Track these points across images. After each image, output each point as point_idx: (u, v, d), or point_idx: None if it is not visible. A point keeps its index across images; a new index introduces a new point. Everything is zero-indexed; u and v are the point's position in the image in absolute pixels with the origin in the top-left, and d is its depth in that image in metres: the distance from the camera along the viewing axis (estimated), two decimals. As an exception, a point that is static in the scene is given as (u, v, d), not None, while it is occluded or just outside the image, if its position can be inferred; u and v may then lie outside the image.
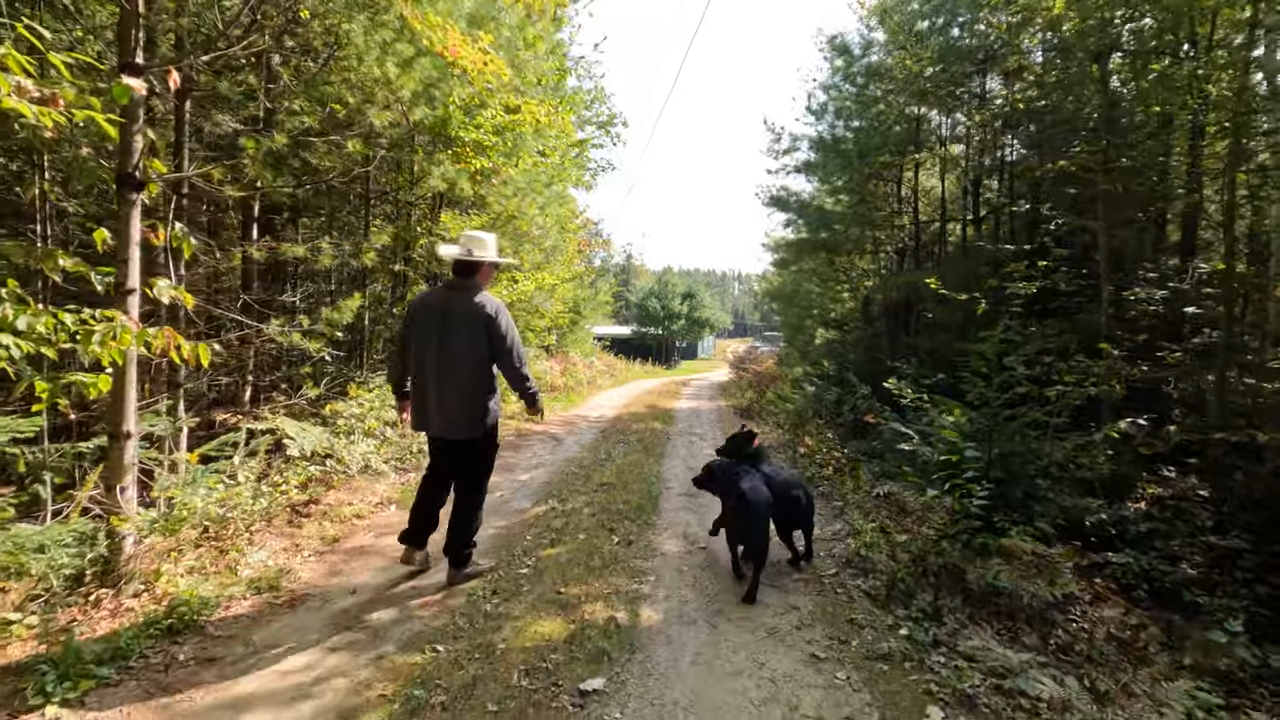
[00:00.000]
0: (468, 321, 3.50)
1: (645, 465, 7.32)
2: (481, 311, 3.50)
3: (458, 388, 3.54)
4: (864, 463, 6.20)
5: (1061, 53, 7.70)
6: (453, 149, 7.48)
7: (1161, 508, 5.93)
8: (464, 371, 3.53)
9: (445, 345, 3.51)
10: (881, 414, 6.30)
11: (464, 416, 3.57)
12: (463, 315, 3.51)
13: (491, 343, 3.53)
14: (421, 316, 3.58)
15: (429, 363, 3.54)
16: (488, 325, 3.51)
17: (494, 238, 3.83)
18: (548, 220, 10.59)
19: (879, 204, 11.13)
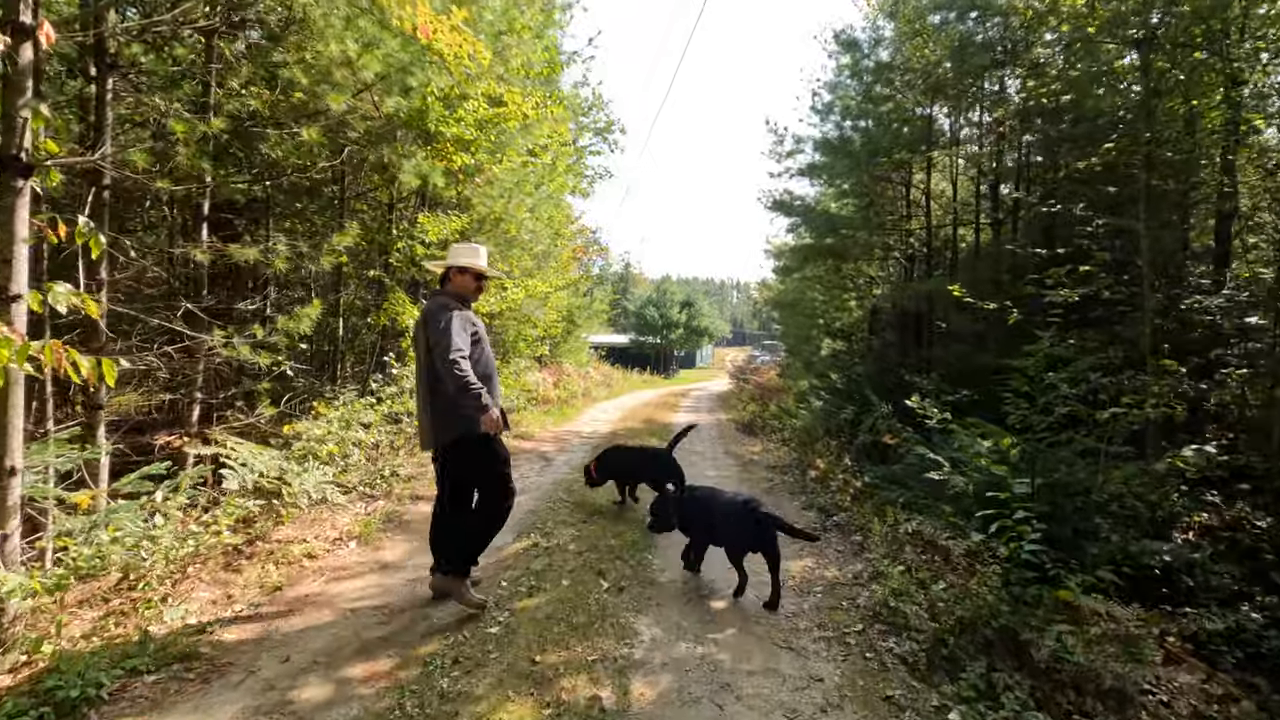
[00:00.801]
0: (422, 327, 3.50)
1: (639, 489, 6.67)
2: (423, 313, 3.52)
3: (427, 395, 3.51)
4: (882, 489, 5.57)
5: (1086, 45, 7.15)
6: (433, 145, 6.89)
7: (1213, 539, 5.32)
8: (427, 378, 3.49)
9: (418, 354, 3.59)
10: (902, 434, 5.69)
11: (435, 423, 3.51)
12: (420, 321, 3.56)
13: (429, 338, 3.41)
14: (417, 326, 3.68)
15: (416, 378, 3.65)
16: (424, 320, 3.47)
17: (478, 248, 3.76)
18: (538, 224, 10.00)
19: (889, 207, 10.55)
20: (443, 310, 3.40)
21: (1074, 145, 7.14)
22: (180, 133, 3.67)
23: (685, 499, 4.23)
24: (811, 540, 4.13)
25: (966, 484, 4.42)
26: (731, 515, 3.92)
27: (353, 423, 6.49)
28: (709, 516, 4.07)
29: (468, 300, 3.70)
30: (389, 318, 7.24)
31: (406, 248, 7.25)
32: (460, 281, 3.66)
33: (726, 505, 4.01)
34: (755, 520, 3.81)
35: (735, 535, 3.91)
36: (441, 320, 3.36)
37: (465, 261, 3.66)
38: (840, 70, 11.28)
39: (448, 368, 3.28)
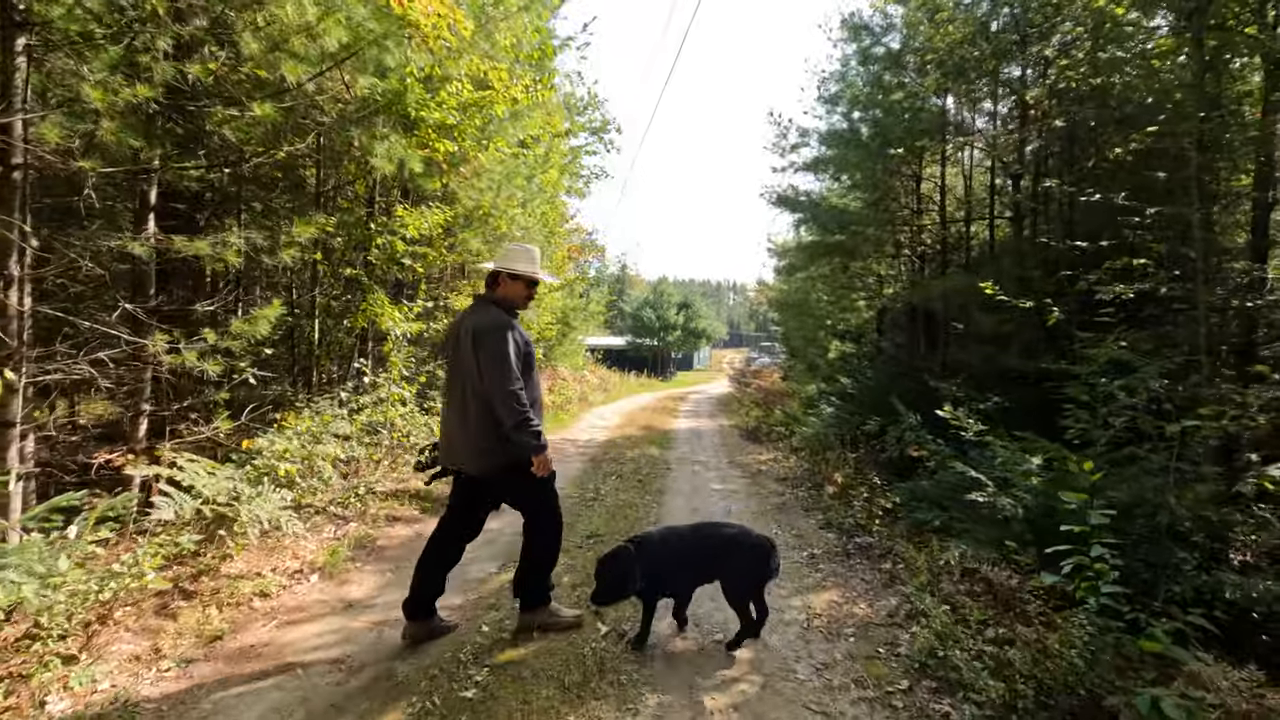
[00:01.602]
0: (467, 339, 3.09)
1: (641, 507, 6.11)
2: (474, 327, 3.08)
3: (459, 414, 3.16)
4: (914, 510, 5.01)
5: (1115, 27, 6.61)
6: (414, 133, 6.31)
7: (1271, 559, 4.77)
8: (466, 395, 3.12)
9: (452, 366, 3.23)
10: (930, 447, 5.12)
11: (467, 448, 3.16)
12: (466, 331, 3.11)
13: (477, 366, 3.05)
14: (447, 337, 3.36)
15: (445, 386, 3.35)
16: (474, 340, 3.05)
17: (533, 252, 3.37)
18: (530, 220, 9.43)
19: (904, 201, 10.01)
20: (499, 330, 3.04)
21: (1110, 130, 6.60)
22: (99, 102, 3.11)
23: (654, 545, 3.28)
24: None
25: (1015, 507, 3.86)
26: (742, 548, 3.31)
27: (325, 435, 5.91)
28: (702, 560, 3.33)
29: (516, 310, 3.30)
30: (367, 320, 6.66)
31: (387, 244, 6.68)
32: (512, 289, 3.27)
33: (730, 541, 3.34)
34: (768, 547, 3.31)
35: (751, 569, 3.30)
36: (499, 343, 3.01)
37: (522, 268, 3.24)
38: (847, 60, 10.75)
39: (506, 401, 2.98)
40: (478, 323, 3.08)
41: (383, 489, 6.24)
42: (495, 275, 3.27)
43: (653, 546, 3.27)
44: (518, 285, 3.27)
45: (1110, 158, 6.77)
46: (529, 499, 3.38)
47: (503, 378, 2.97)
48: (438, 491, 6.48)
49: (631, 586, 3.16)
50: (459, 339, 3.16)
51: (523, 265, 3.25)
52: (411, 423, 7.71)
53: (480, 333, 3.03)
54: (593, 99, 24.33)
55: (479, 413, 3.08)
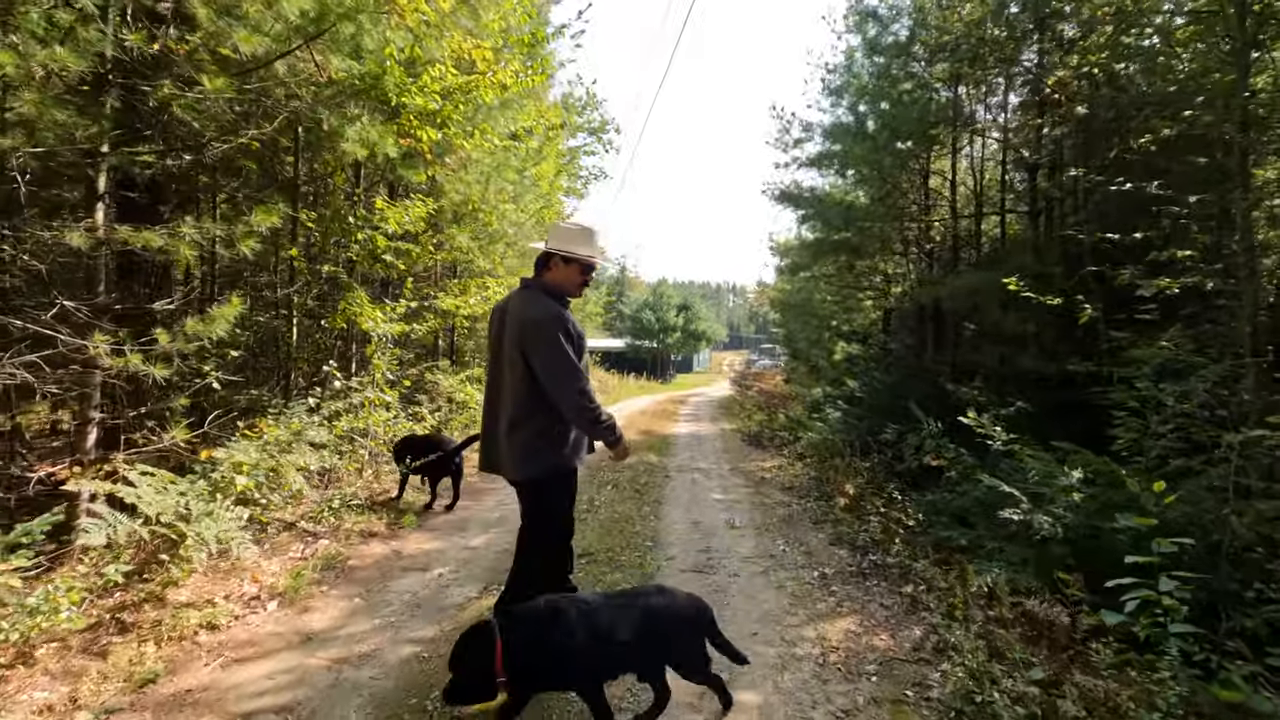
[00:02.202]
0: (516, 328, 2.77)
1: (638, 520, 5.69)
2: (525, 315, 2.75)
3: (502, 412, 2.86)
4: (935, 527, 4.60)
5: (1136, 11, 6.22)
6: (396, 121, 5.91)
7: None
8: (506, 391, 2.84)
9: (497, 360, 2.91)
10: (950, 455, 4.71)
11: (508, 450, 2.84)
12: (513, 321, 2.79)
13: (532, 359, 2.72)
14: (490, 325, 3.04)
15: (486, 382, 3.04)
16: (527, 330, 2.72)
17: (592, 230, 2.96)
18: (523, 216, 9.02)
19: (912, 196, 9.61)
20: (556, 322, 2.71)
21: (1137, 116, 6.20)
22: (8, 67, 2.70)
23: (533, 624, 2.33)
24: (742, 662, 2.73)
25: (1054, 527, 3.45)
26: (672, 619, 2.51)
27: (299, 444, 5.49)
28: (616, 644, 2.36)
29: (567, 299, 2.96)
30: (346, 320, 6.25)
31: (368, 239, 6.27)
32: (565, 274, 2.90)
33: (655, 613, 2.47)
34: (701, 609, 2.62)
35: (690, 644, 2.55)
36: (557, 336, 2.69)
37: (581, 251, 2.87)
38: (852, 52, 10.35)
39: (574, 400, 2.69)
40: (530, 314, 2.73)
41: (360, 501, 5.82)
42: (546, 258, 2.91)
43: (531, 625, 2.32)
44: (572, 270, 2.90)
45: (1135, 146, 6.38)
46: (544, 513, 3.01)
47: (567, 375, 2.67)
48: (419, 503, 6.07)
49: (491, 686, 2.25)
50: (502, 330, 2.87)
51: (581, 248, 2.88)
52: (398, 430, 7.30)
53: (535, 326, 2.70)
54: (591, 99, 23.98)
55: (520, 413, 2.77)
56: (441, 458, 5.70)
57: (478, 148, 6.60)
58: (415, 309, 7.73)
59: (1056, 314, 6.69)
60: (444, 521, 5.58)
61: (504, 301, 3.00)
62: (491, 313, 3.03)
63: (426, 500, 6.04)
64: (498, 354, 2.90)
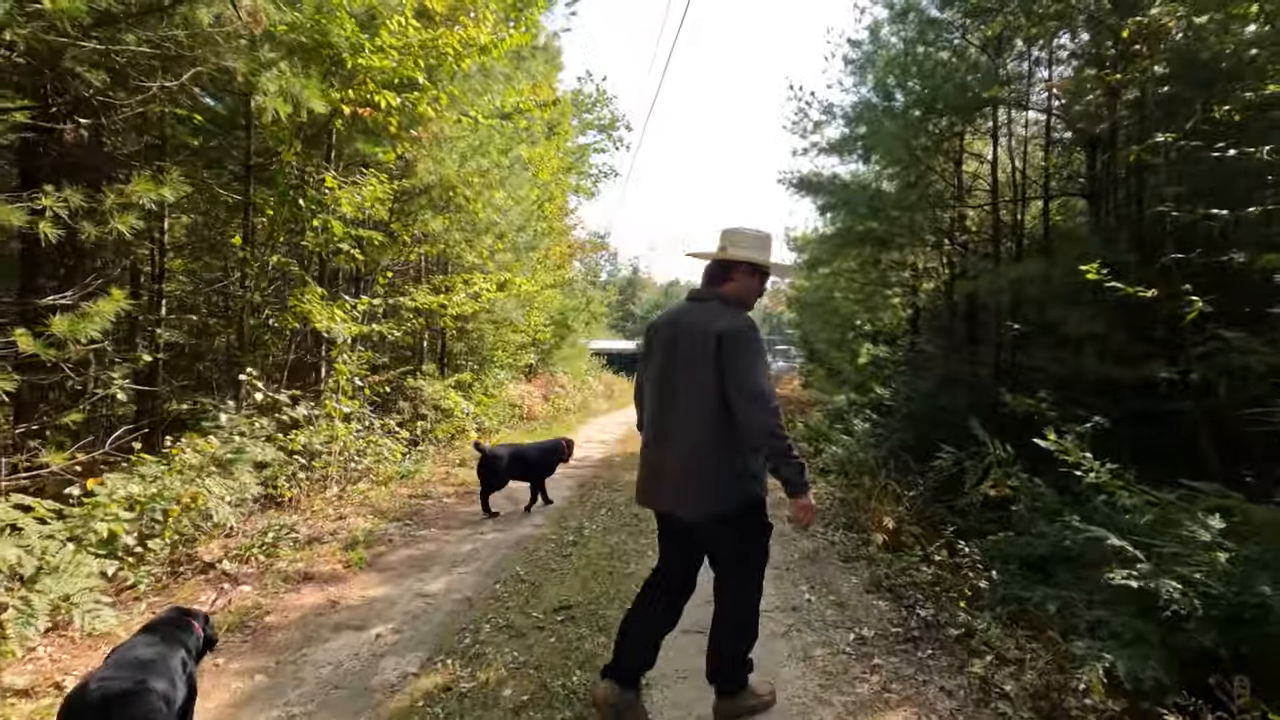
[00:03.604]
0: (701, 345, 2.41)
1: (632, 558, 4.77)
2: (714, 328, 2.39)
3: (684, 441, 2.46)
4: (998, 570, 3.63)
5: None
6: (352, 85, 5.05)
7: None
8: (692, 416, 2.44)
9: (669, 380, 2.54)
10: (1022, 486, 3.73)
11: (695, 484, 2.45)
12: (695, 337, 2.44)
13: (725, 376, 2.36)
14: (649, 342, 2.71)
15: (650, 406, 2.64)
16: (720, 345, 2.36)
17: (766, 235, 2.70)
18: (510, 203, 8.13)
19: (947, 178, 8.61)
20: (755, 334, 2.45)
21: (1225, 79, 5.21)
22: None
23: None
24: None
25: (1189, 598, 2.48)
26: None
27: (239, 463, 4.65)
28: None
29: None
30: (298, 319, 5.39)
31: (323, 224, 5.41)
32: (748, 284, 2.63)
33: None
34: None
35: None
36: (759, 353, 2.43)
37: (763, 259, 2.63)
38: (878, 26, 9.38)
39: (768, 423, 2.31)
40: (724, 326, 2.39)
41: (306, 532, 4.96)
42: (726, 266, 2.62)
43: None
44: (755, 280, 2.65)
45: (1217, 115, 5.39)
46: (744, 556, 2.60)
47: (766, 397, 2.32)
48: (380, 531, 5.20)
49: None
50: (672, 342, 2.54)
51: (766, 256, 2.65)
52: (369, 447, 6.44)
53: (733, 339, 2.36)
54: (601, 95, 23.21)
55: (709, 441, 2.41)
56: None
57: (448, 120, 5.73)
58: (386, 307, 6.86)
59: (1131, 310, 5.72)
60: (404, 559, 4.69)
61: (669, 316, 2.68)
62: (648, 332, 2.73)
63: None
64: (667, 376, 2.55)
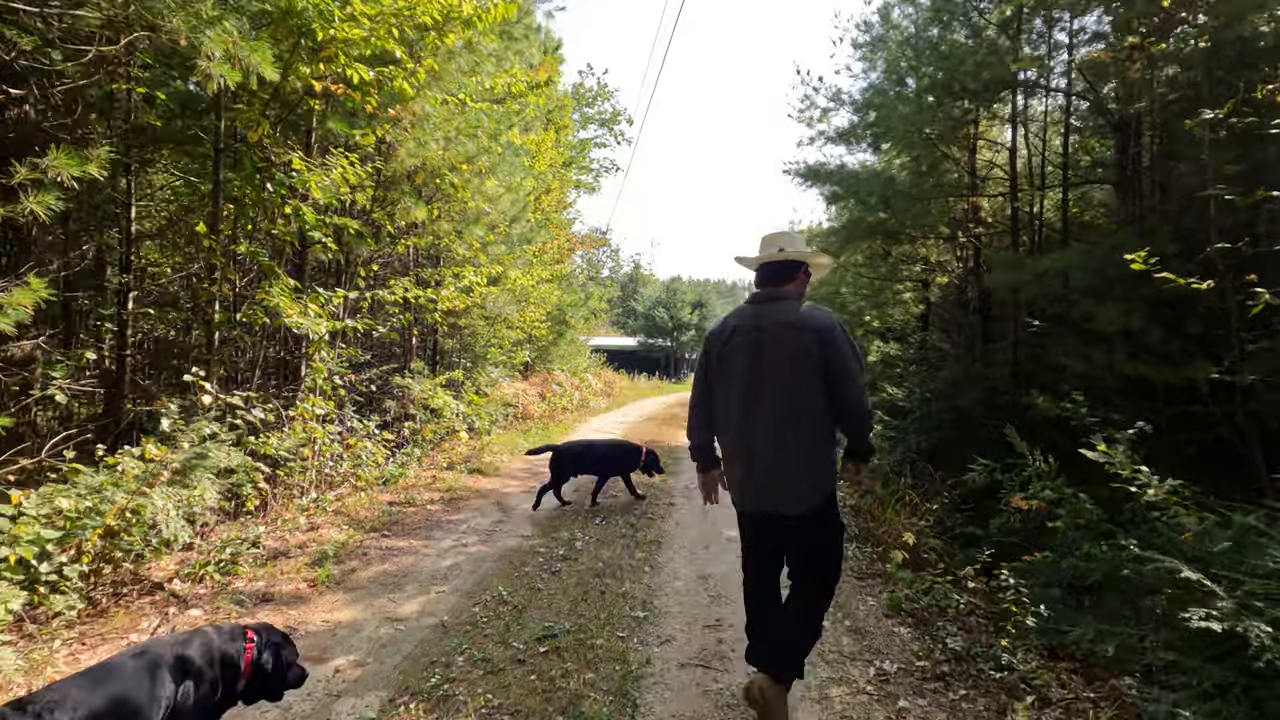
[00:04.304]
0: (793, 342, 2.48)
1: (627, 574, 4.36)
2: (812, 325, 2.47)
3: (790, 439, 2.48)
4: (1036, 595, 3.21)
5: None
6: (319, 56, 4.64)
7: None
8: (795, 414, 2.49)
9: (760, 380, 2.53)
10: (1064, 502, 3.30)
11: (796, 481, 2.50)
12: (785, 335, 2.50)
13: (829, 369, 2.44)
14: (722, 347, 2.65)
15: (736, 408, 2.59)
16: (823, 341, 2.44)
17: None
18: (502, 192, 7.70)
19: (963, 165, 8.18)
20: (842, 326, 2.55)
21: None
22: None
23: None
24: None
25: None
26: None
27: (197, 471, 4.25)
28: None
29: None
30: (267, 313, 4.99)
31: (294, 212, 5.00)
32: (803, 284, 2.76)
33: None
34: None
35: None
36: (852, 346, 2.51)
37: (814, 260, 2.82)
38: (888, 8, 8.93)
39: (867, 407, 2.53)
40: (818, 322, 2.49)
41: (272, 545, 4.56)
42: (793, 267, 2.70)
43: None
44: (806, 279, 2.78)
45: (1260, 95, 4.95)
46: (831, 544, 2.65)
47: (862, 388, 2.51)
48: (354, 544, 4.80)
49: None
50: (757, 345, 2.55)
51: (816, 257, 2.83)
52: (348, 450, 6.05)
53: (830, 332, 2.47)
54: (602, 89, 22.81)
55: (813, 435, 2.51)
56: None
57: (431, 100, 5.30)
58: (371, 301, 6.45)
59: (1164, 304, 5.31)
60: (377, 576, 4.28)
61: (744, 320, 2.64)
62: (727, 334, 2.66)
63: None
64: (760, 378, 2.53)
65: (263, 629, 2.23)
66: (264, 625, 2.27)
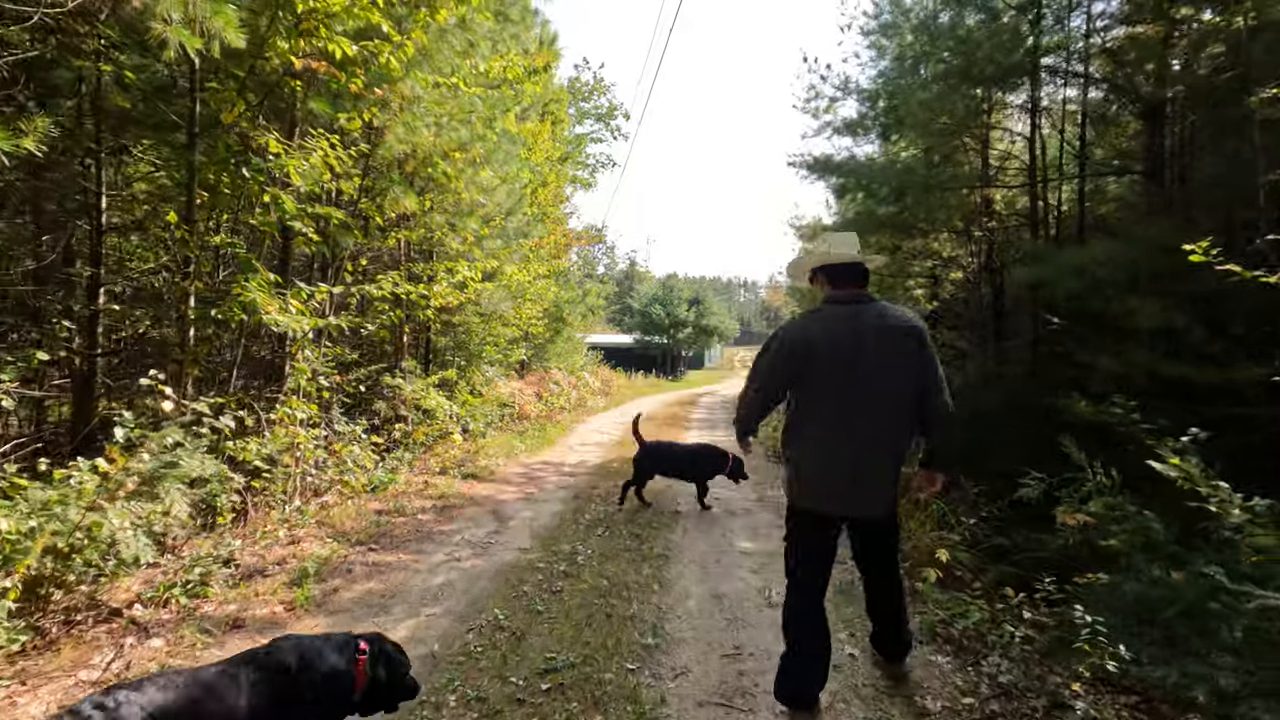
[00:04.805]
0: (898, 346, 2.49)
1: (634, 593, 4.01)
2: (914, 328, 2.53)
3: (887, 443, 2.52)
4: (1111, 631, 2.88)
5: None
6: (297, 31, 4.27)
7: None
8: (895, 415, 2.51)
9: (864, 383, 2.47)
10: (1122, 519, 2.97)
11: (888, 484, 2.58)
12: (889, 338, 2.48)
13: (926, 374, 2.51)
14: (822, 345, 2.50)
15: (834, 410, 2.51)
16: (922, 343, 2.53)
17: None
18: (497, 182, 7.33)
19: (975, 158, 7.86)
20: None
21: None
22: None
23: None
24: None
25: None
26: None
27: (166, 481, 3.89)
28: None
29: None
30: (243, 309, 4.62)
31: (272, 200, 4.63)
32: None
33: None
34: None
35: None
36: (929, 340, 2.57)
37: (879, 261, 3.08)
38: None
39: (955, 422, 2.60)
40: (911, 322, 2.54)
41: (249, 561, 4.20)
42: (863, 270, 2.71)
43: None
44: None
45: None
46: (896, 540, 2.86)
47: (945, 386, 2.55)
48: (338, 559, 4.44)
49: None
50: (859, 347, 2.48)
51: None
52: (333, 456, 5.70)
53: (925, 333, 2.54)
54: (598, 84, 22.43)
55: (905, 437, 2.58)
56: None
57: (422, 81, 4.93)
58: (359, 297, 6.08)
59: (1204, 300, 5.00)
60: (362, 595, 3.92)
61: (838, 322, 2.55)
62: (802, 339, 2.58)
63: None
64: (862, 380, 2.48)
65: (375, 638, 2.21)
66: (376, 634, 2.24)
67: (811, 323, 2.64)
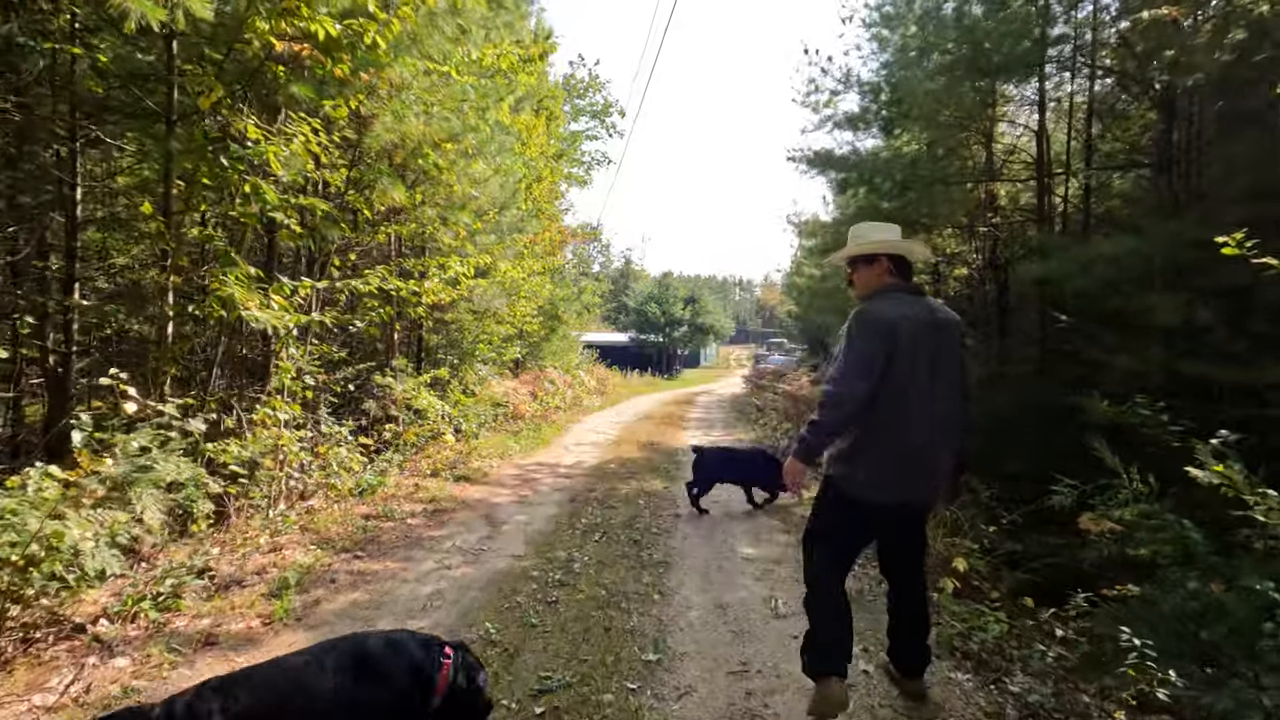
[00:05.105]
0: (955, 339, 2.62)
1: (633, 603, 3.80)
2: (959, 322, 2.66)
3: (950, 433, 2.56)
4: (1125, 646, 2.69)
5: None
6: (277, 10, 4.05)
7: None
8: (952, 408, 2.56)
9: (936, 374, 2.48)
10: (1160, 529, 2.78)
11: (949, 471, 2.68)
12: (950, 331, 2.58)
13: (965, 369, 2.67)
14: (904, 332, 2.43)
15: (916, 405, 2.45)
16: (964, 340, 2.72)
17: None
18: (490, 174, 7.10)
19: (979, 153, 7.68)
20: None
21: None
22: None
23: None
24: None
25: None
26: None
27: (138, 486, 3.67)
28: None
29: None
30: (222, 305, 4.39)
31: (253, 190, 4.40)
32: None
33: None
34: None
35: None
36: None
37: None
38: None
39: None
40: (957, 317, 2.64)
41: (227, 571, 3.98)
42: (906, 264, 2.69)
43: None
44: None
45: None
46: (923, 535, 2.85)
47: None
48: (322, 567, 4.22)
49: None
50: (937, 341, 2.49)
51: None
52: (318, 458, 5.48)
53: (954, 323, 2.61)
54: (594, 81, 22.20)
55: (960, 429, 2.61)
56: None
57: (411, 66, 4.71)
58: (342, 293, 5.85)
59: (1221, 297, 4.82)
60: (345, 607, 3.71)
61: (915, 311, 2.51)
62: (894, 323, 2.45)
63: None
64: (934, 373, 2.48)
65: (458, 645, 2.11)
66: (459, 642, 2.14)
67: (888, 308, 2.51)
